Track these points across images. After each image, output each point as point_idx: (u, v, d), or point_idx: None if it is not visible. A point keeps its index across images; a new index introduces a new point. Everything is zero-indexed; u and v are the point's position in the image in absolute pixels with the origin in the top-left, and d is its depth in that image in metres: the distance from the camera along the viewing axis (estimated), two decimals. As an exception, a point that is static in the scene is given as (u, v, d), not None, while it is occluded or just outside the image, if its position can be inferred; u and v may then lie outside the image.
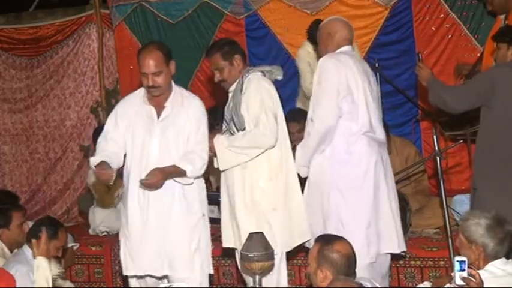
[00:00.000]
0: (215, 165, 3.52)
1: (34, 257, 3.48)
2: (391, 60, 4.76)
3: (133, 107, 3.46)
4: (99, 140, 3.51)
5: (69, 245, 4.57)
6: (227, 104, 3.58)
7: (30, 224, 3.91)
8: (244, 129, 3.43)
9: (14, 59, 6.31)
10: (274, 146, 3.45)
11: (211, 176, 4.76)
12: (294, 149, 4.79)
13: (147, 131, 3.39)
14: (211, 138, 3.48)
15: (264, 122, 3.39)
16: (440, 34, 5.06)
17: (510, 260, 2.73)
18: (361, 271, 2.99)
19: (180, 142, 3.39)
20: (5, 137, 6.37)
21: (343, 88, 3.35)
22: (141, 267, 3.41)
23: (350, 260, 2.61)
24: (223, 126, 3.57)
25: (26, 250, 3.58)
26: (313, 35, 4.35)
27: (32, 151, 6.31)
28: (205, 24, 5.58)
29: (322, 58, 3.47)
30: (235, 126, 3.46)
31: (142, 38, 5.70)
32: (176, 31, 5.59)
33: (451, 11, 5.00)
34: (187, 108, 3.42)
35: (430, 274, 3.82)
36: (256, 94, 3.42)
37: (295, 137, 4.85)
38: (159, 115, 3.41)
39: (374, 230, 3.32)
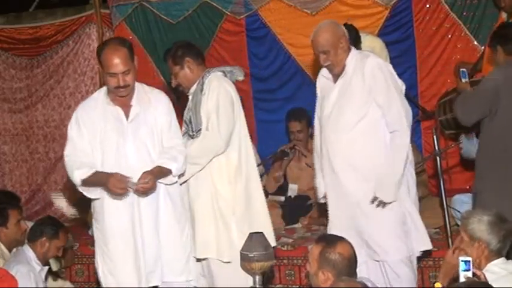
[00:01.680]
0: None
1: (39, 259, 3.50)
2: (391, 60, 4.75)
3: (95, 110, 3.22)
4: (68, 152, 3.26)
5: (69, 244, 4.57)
6: (187, 106, 3.51)
7: (30, 224, 3.91)
8: (199, 130, 3.35)
9: (14, 59, 6.29)
10: (223, 151, 3.34)
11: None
12: (292, 148, 4.81)
13: (119, 134, 3.18)
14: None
15: (214, 124, 3.31)
16: (440, 34, 5.05)
17: (510, 260, 2.73)
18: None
19: (155, 141, 3.23)
20: (5, 137, 6.36)
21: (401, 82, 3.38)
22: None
23: (351, 261, 2.60)
24: (183, 128, 3.50)
25: (27, 250, 3.59)
26: None
27: (32, 151, 6.30)
28: (205, 24, 5.56)
29: (374, 60, 3.30)
30: (192, 127, 3.39)
31: (143, 38, 5.71)
32: (176, 31, 5.59)
33: (451, 11, 4.99)
34: (155, 104, 3.27)
35: (430, 274, 3.83)
36: (213, 94, 3.34)
37: (295, 136, 4.88)
38: (126, 115, 3.21)
39: None
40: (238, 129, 3.43)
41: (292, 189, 4.90)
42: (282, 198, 4.87)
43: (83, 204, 5.38)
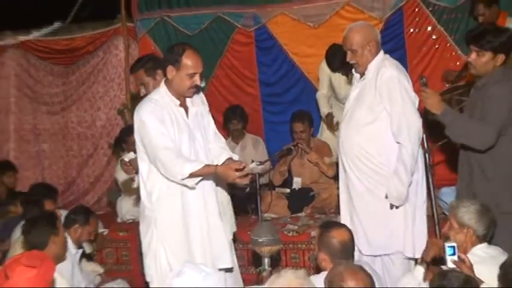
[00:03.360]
0: None
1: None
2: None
3: (165, 110, 2.98)
4: (168, 145, 2.90)
5: (100, 230, 4.63)
6: None
7: (65, 212, 3.98)
8: None
9: (52, 67, 6.28)
10: None
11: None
12: (296, 146, 4.82)
13: (187, 134, 3.02)
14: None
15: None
16: (428, 44, 5.05)
17: (491, 245, 2.76)
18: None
19: (206, 140, 3.12)
20: (44, 136, 6.36)
21: (414, 95, 3.16)
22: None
23: (345, 246, 2.62)
24: None
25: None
26: (330, 62, 4.59)
27: (68, 148, 6.30)
28: (219, 36, 5.56)
29: (387, 72, 3.08)
30: None
31: (164, 48, 5.70)
32: (193, 42, 5.60)
33: (438, 23, 4.99)
34: (202, 106, 3.18)
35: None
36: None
37: (298, 135, 4.84)
38: (186, 116, 3.06)
39: None
40: None
41: (297, 182, 4.91)
42: (288, 190, 4.86)
43: (112, 197, 5.48)
